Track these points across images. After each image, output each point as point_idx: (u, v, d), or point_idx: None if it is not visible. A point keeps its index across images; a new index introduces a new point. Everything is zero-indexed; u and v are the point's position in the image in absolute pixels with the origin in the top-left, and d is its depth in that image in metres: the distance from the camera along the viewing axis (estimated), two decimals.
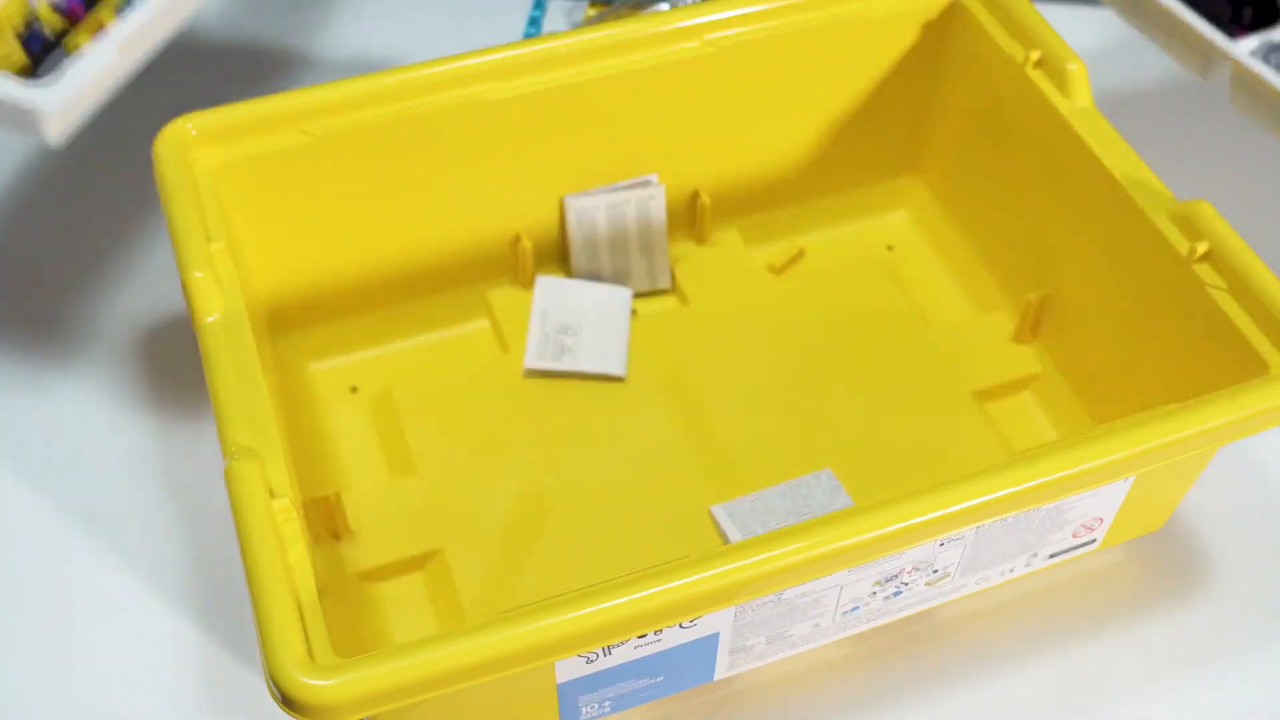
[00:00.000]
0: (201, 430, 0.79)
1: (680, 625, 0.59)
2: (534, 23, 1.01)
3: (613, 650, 0.59)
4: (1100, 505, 0.67)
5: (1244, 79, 0.75)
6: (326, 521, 0.70)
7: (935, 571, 0.65)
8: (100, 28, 0.69)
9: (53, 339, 0.83)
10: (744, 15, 0.78)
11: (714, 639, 0.62)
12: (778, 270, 0.84)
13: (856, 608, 0.65)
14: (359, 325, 0.79)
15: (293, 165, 0.73)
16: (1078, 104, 0.74)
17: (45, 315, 0.84)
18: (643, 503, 0.74)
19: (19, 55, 0.70)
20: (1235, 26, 0.78)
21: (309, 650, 0.52)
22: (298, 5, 0.99)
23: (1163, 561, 0.74)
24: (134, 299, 0.85)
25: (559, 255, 0.83)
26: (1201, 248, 0.67)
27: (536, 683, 0.60)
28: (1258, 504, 0.77)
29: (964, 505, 0.57)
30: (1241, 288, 0.65)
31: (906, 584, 0.65)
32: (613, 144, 0.80)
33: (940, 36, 0.82)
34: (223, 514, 0.57)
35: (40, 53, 0.71)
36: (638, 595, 0.54)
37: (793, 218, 0.86)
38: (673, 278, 0.84)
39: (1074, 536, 0.68)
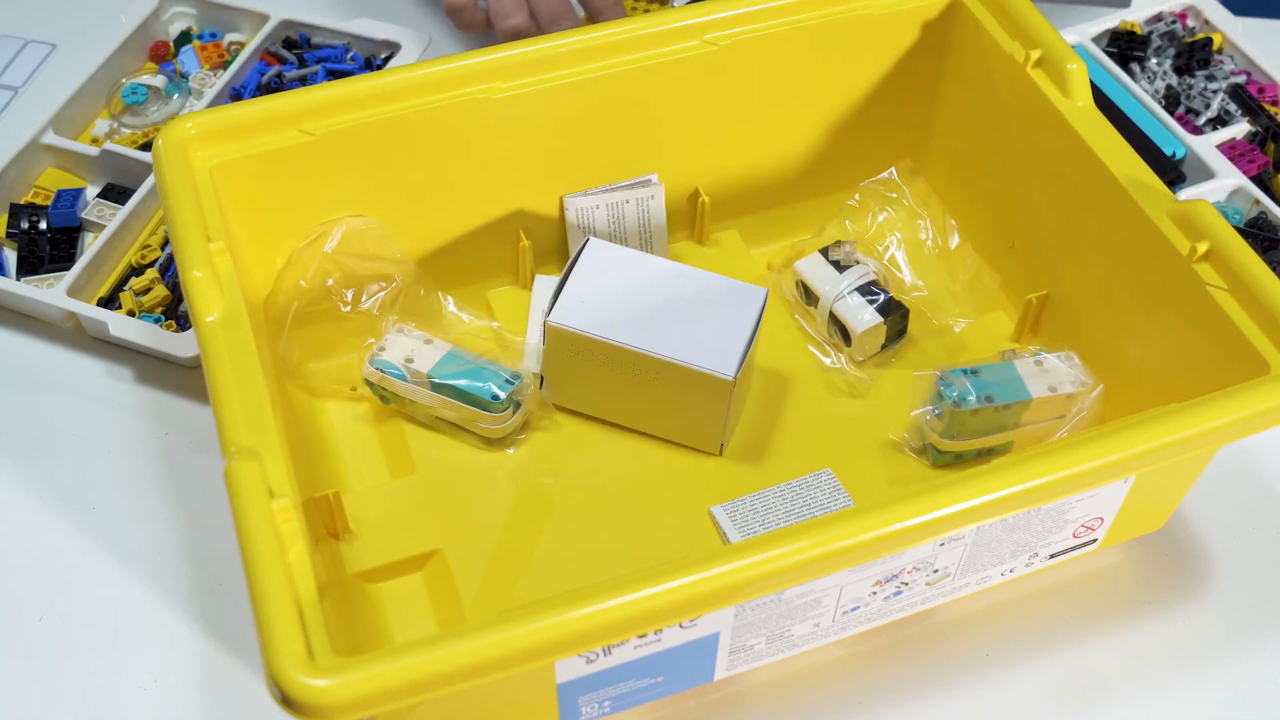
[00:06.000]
0: (201, 430, 0.79)
1: (680, 625, 0.59)
2: None
3: (613, 650, 0.59)
4: (1100, 505, 0.67)
5: None
6: (326, 521, 0.70)
7: (935, 571, 0.65)
8: None
9: (54, 338, 0.83)
10: (744, 15, 0.78)
11: (714, 639, 0.62)
12: (778, 270, 0.84)
13: (857, 608, 0.65)
14: (359, 325, 0.79)
15: (293, 165, 0.73)
16: (1077, 103, 0.74)
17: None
18: (643, 503, 0.74)
19: (162, 290, 0.83)
20: None
21: (309, 650, 0.52)
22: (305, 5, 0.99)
23: (1163, 561, 0.74)
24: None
25: (559, 255, 0.83)
26: (1202, 247, 0.67)
27: (536, 683, 0.60)
28: (1258, 504, 0.77)
29: (964, 505, 0.57)
30: (1241, 288, 0.65)
31: (907, 584, 0.65)
32: (613, 144, 0.80)
33: (940, 36, 0.82)
34: (223, 514, 0.57)
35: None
36: (638, 595, 0.54)
37: (793, 218, 0.86)
38: None
39: (1074, 537, 0.68)
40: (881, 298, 0.78)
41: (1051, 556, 0.69)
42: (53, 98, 0.91)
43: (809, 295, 0.80)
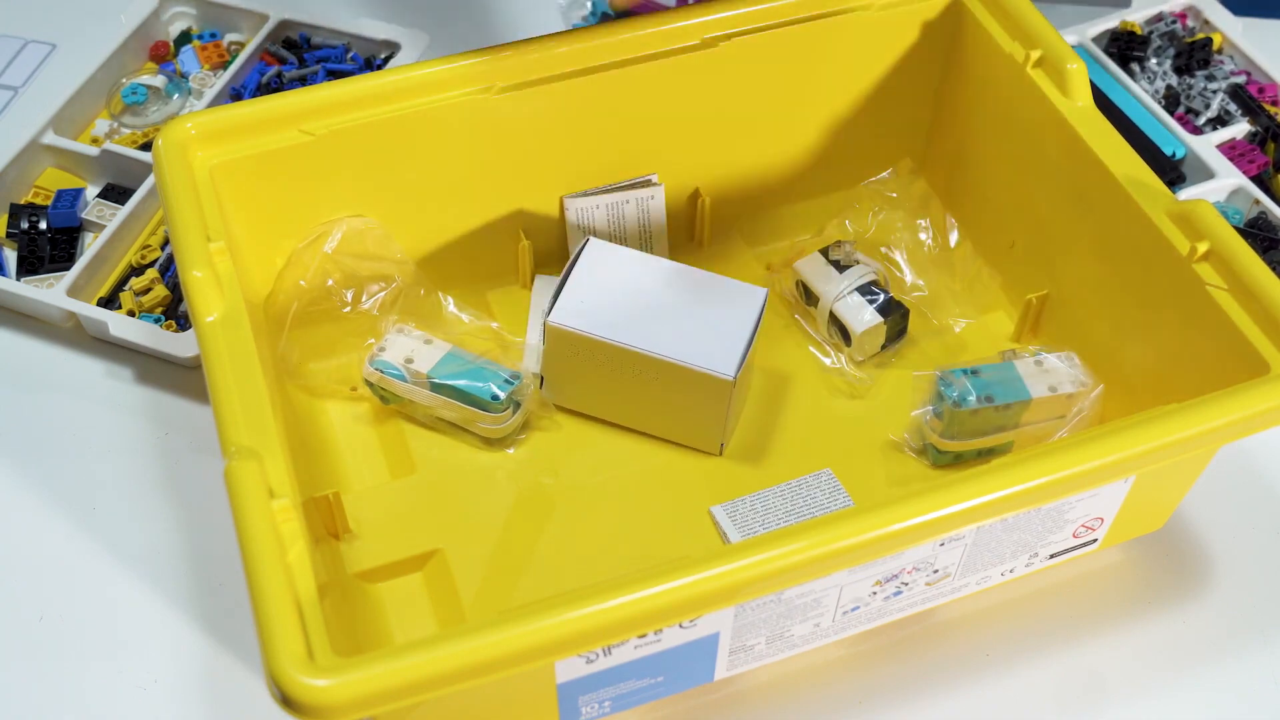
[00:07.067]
0: (201, 430, 0.79)
1: (680, 625, 0.59)
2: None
3: (613, 650, 0.59)
4: (1101, 505, 0.67)
5: None
6: (326, 521, 0.70)
7: (935, 572, 0.65)
8: None
9: (54, 338, 0.83)
10: (744, 15, 0.78)
11: (714, 639, 0.62)
12: (778, 270, 0.84)
13: (857, 608, 0.65)
14: (359, 325, 0.79)
15: (293, 165, 0.73)
16: (1077, 103, 0.74)
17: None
18: (643, 503, 0.74)
19: (162, 290, 0.83)
20: None
21: (309, 650, 0.52)
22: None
23: (1163, 561, 0.74)
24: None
25: (559, 255, 0.83)
26: (1202, 248, 0.67)
27: (536, 683, 0.60)
28: (1258, 504, 0.77)
29: (964, 505, 0.57)
30: (1241, 288, 0.65)
31: (907, 584, 0.65)
32: (613, 144, 0.80)
33: (941, 36, 0.82)
34: (223, 514, 0.57)
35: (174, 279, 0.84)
36: (638, 595, 0.54)
37: (793, 218, 0.86)
38: None
39: (1074, 537, 0.68)
40: (881, 298, 0.78)
41: (1051, 556, 0.69)
42: (53, 98, 0.91)
43: (809, 295, 0.80)
